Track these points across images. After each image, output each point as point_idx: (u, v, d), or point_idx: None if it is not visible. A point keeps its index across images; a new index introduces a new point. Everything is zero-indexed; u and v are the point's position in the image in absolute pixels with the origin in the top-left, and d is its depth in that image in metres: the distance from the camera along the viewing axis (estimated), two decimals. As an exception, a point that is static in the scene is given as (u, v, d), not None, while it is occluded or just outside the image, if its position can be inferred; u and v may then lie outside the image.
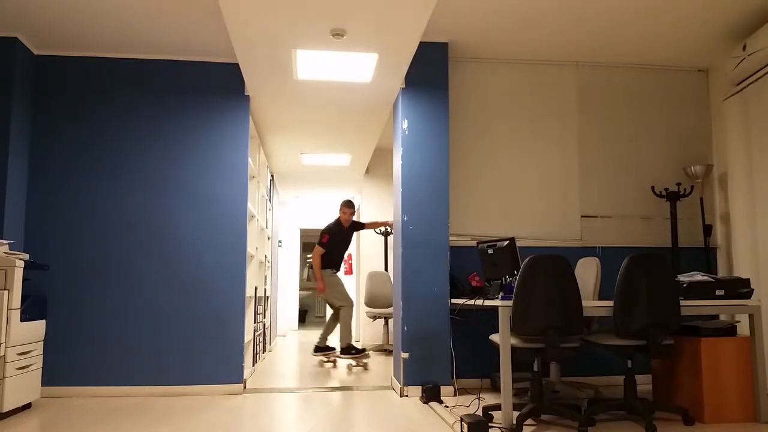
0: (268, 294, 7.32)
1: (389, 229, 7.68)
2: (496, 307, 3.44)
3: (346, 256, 6.07)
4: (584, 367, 4.74)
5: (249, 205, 4.94)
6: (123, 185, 4.52)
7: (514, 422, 3.13)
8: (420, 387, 4.20)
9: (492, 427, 3.20)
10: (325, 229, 5.99)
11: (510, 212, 4.83)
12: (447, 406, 3.83)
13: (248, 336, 5.21)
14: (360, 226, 6.22)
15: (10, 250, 3.84)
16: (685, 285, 3.46)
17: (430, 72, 4.54)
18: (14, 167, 4.25)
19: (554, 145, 4.94)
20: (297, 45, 3.87)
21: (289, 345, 8.49)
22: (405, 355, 4.28)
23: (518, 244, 4.61)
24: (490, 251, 3.85)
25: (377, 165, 7.88)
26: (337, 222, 6.04)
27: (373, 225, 6.33)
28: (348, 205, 6.04)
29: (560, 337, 3.18)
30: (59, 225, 4.42)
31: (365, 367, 5.89)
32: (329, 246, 5.90)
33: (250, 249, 5.35)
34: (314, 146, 6.44)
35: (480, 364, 4.60)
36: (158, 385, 4.36)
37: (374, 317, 7.15)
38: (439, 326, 4.33)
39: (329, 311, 12.10)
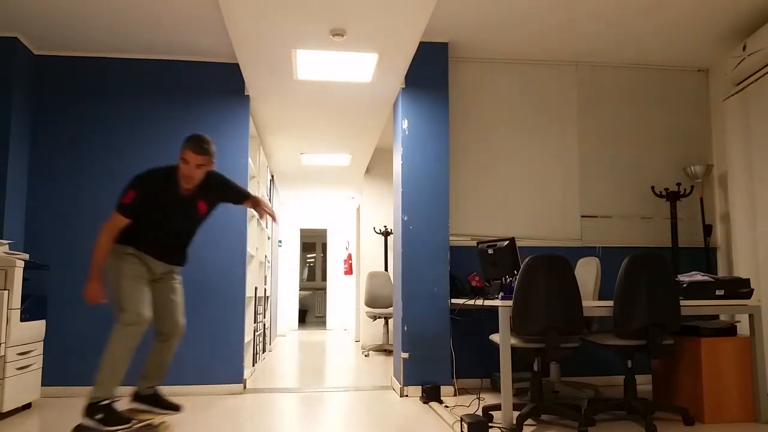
0: (268, 294, 7.31)
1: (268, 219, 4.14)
2: (496, 307, 3.44)
3: (188, 236, 3.34)
4: (584, 367, 4.74)
5: (249, 205, 4.94)
6: (123, 185, 4.51)
7: (514, 422, 3.12)
8: (420, 387, 4.20)
9: (492, 427, 3.20)
10: (134, 180, 3.07)
11: (510, 212, 4.82)
12: (447, 406, 3.83)
13: (248, 336, 5.21)
14: (233, 195, 3.37)
15: (10, 250, 3.84)
16: (685, 285, 3.46)
17: (430, 72, 4.54)
18: (14, 167, 4.25)
19: (554, 145, 4.94)
20: (297, 45, 3.87)
21: (289, 345, 8.49)
22: (405, 355, 4.28)
23: (518, 244, 4.60)
24: (490, 251, 3.85)
25: (377, 165, 7.88)
26: (167, 172, 3.12)
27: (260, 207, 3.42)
28: (195, 149, 3.01)
29: (560, 337, 3.18)
30: (59, 225, 4.42)
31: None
32: (137, 210, 3.03)
33: (250, 249, 5.35)
34: (314, 146, 6.44)
35: (480, 364, 4.60)
36: (158, 385, 4.36)
37: (374, 317, 7.15)
38: (439, 326, 4.33)
39: (330, 310, 12.07)
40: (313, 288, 13.95)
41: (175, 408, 3.25)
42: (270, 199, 7.53)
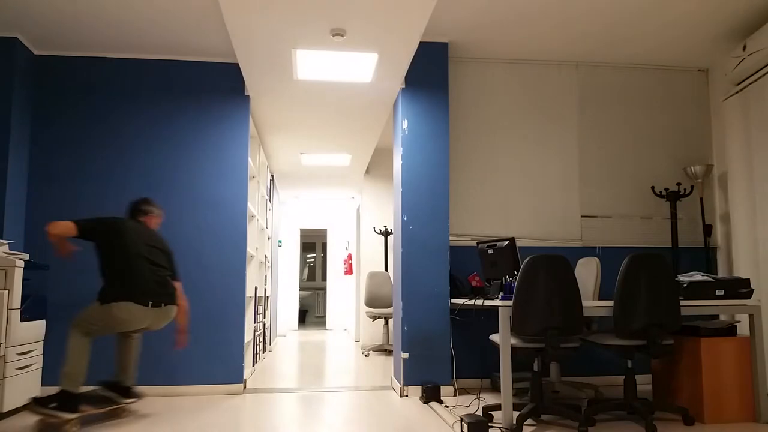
0: (268, 294, 7.32)
1: None
2: (496, 307, 3.44)
3: None
4: (584, 367, 4.74)
5: (249, 205, 4.95)
6: (123, 185, 4.52)
7: (514, 422, 3.13)
8: (420, 387, 4.20)
9: (492, 427, 3.20)
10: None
11: (510, 212, 4.83)
12: (447, 406, 3.83)
13: (248, 336, 5.21)
14: None
15: (10, 250, 3.84)
16: (685, 285, 3.46)
17: (430, 72, 4.54)
18: (14, 167, 4.25)
19: (554, 145, 4.94)
20: (297, 45, 3.87)
21: (289, 345, 8.49)
22: (405, 355, 4.28)
23: (518, 244, 4.61)
24: (490, 251, 3.85)
25: (377, 165, 7.88)
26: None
27: None
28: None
29: (560, 337, 3.19)
30: (59, 225, 4.42)
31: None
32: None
33: (250, 249, 5.35)
34: (314, 146, 6.44)
35: (480, 364, 4.60)
36: (158, 384, 4.36)
37: (374, 317, 7.15)
38: (439, 326, 4.33)
39: (330, 310, 12.06)
40: (313, 288, 13.95)
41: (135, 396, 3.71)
42: (270, 199, 7.53)
